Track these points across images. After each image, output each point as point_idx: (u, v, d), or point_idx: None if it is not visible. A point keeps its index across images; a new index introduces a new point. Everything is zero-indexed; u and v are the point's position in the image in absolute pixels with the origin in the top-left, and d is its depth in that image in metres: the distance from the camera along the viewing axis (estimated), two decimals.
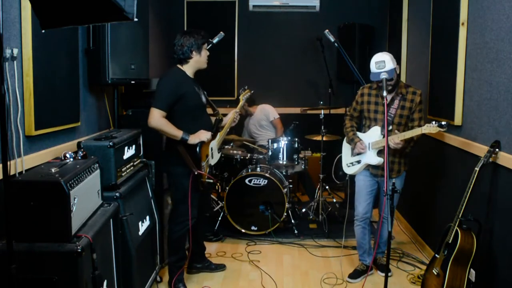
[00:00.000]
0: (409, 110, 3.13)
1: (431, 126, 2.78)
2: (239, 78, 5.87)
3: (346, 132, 3.39)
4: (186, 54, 2.95)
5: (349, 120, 3.43)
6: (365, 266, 3.37)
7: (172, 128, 2.89)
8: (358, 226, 3.34)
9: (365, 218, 3.31)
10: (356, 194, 3.35)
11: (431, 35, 3.66)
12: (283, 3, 5.44)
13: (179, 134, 2.90)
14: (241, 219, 4.17)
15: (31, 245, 1.89)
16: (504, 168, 2.49)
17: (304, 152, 4.63)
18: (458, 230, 2.56)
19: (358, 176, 3.34)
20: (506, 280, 2.46)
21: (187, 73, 3.01)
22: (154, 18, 4.74)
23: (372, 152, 3.18)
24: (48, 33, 2.29)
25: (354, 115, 3.40)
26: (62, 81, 2.69)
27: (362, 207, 3.30)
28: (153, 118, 2.83)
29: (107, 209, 2.35)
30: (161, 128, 2.87)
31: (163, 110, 2.86)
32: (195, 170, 2.92)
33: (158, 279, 3.24)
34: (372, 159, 3.18)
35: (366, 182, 3.28)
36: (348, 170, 3.39)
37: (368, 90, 3.30)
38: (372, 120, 3.24)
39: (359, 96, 3.34)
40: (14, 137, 2.19)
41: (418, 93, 3.14)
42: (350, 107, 3.44)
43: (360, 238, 3.35)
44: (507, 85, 2.47)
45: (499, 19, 2.56)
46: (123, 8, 1.61)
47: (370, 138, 3.21)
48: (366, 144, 3.21)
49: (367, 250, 3.38)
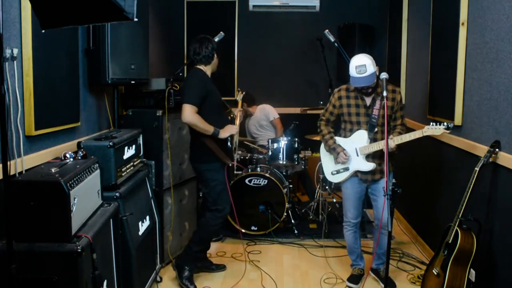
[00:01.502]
0: (391, 109, 3.05)
1: (435, 128, 2.68)
2: (239, 78, 5.87)
3: (325, 139, 3.21)
4: (210, 55, 3.19)
5: (325, 126, 3.24)
6: (361, 270, 3.30)
7: (205, 123, 3.04)
8: (349, 231, 3.24)
9: (356, 223, 3.22)
10: (345, 201, 3.22)
11: (431, 35, 3.66)
12: (283, 3, 5.43)
13: (211, 129, 3.06)
14: (241, 219, 4.17)
15: (31, 245, 1.89)
16: (504, 168, 2.49)
17: (304, 152, 4.63)
18: (458, 230, 2.56)
19: (344, 184, 3.19)
20: (506, 280, 2.46)
21: (207, 73, 3.23)
22: (154, 18, 4.74)
23: (362, 158, 3.06)
24: (48, 33, 2.29)
25: (331, 119, 3.23)
26: (62, 81, 2.69)
27: (352, 214, 3.19)
28: (187, 114, 2.96)
29: (107, 209, 2.36)
30: (195, 124, 3.00)
31: (196, 105, 3.00)
32: (229, 162, 3.15)
33: (158, 279, 3.24)
34: (362, 165, 3.06)
35: (354, 188, 3.15)
36: (334, 178, 3.21)
37: (346, 92, 3.12)
38: (355, 124, 3.09)
39: (336, 100, 3.16)
40: (14, 137, 2.19)
41: (397, 91, 3.07)
42: (325, 111, 3.25)
43: (351, 243, 3.26)
44: (507, 85, 2.47)
45: (499, 19, 2.56)
46: (123, 8, 1.61)
47: (355, 143, 3.08)
48: (353, 149, 3.08)
49: (359, 254, 3.31)
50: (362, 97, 3.07)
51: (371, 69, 2.86)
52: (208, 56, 3.18)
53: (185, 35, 5.79)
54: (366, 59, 2.89)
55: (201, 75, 3.16)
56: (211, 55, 3.19)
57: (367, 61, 2.88)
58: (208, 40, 3.21)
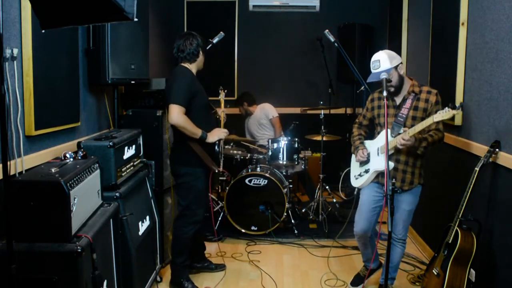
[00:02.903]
0: (424, 112, 2.76)
1: (443, 112, 2.48)
2: (239, 78, 5.87)
3: (353, 141, 3.10)
4: (195, 52, 3.03)
5: (357, 129, 3.15)
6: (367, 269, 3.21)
7: (193, 126, 2.90)
8: (358, 241, 3.09)
9: (363, 236, 2.99)
10: (358, 209, 3.01)
11: (431, 35, 3.66)
12: (283, 3, 5.44)
13: (199, 132, 2.92)
14: (241, 219, 4.17)
15: (31, 245, 1.89)
16: (504, 168, 2.49)
17: (304, 152, 4.63)
18: (458, 230, 2.56)
19: (363, 190, 3.00)
20: (506, 280, 2.46)
21: (193, 72, 3.08)
22: (154, 18, 4.74)
23: (382, 158, 2.85)
24: (48, 33, 2.29)
25: (364, 123, 3.13)
26: (62, 81, 2.69)
27: (361, 226, 2.94)
28: (175, 115, 2.81)
29: (107, 209, 2.35)
30: (184, 126, 2.85)
31: (183, 106, 2.86)
32: (215, 168, 2.97)
33: (158, 279, 3.24)
34: (380, 164, 2.83)
35: (371, 196, 2.93)
36: (356, 182, 3.05)
37: (378, 94, 3.01)
38: (383, 125, 2.88)
39: (369, 102, 3.06)
40: (14, 137, 2.19)
41: (433, 93, 2.79)
42: (359, 115, 3.17)
43: (362, 249, 3.13)
44: (507, 85, 2.47)
45: (499, 19, 2.56)
46: (123, 8, 1.61)
47: (379, 142, 2.91)
48: (375, 150, 2.90)
49: (371, 258, 3.13)
50: (393, 98, 2.89)
51: (386, 65, 2.70)
52: (193, 53, 3.02)
53: None
54: (383, 54, 2.75)
55: (190, 74, 3.01)
56: (195, 52, 3.02)
57: (382, 56, 2.74)
58: (193, 36, 3.03)
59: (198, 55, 3.06)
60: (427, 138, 2.71)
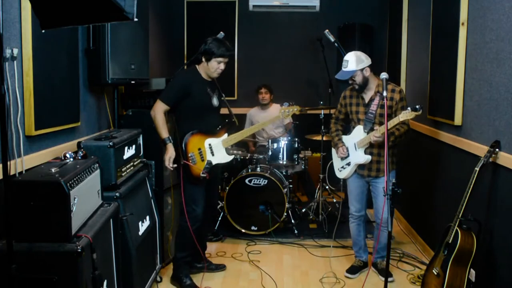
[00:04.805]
0: (389, 109, 3.11)
1: (407, 112, 2.82)
2: (239, 78, 5.87)
3: (332, 136, 3.45)
4: (198, 56, 3.13)
5: (334, 124, 3.48)
6: (362, 262, 3.45)
7: (162, 127, 3.03)
8: (353, 223, 3.41)
9: (359, 216, 3.37)
10: (348, 195, 3.43)
11: (431, 35, 3.66)
12: (283, 3, 5.43)
13: (163, 136, 3.04)
14: (241, 219, 4.17)
15: (31, 245, 1.89)
16: (504, 168, 2.49)
17: (304, 152, 4.63)
18: (458, 230, 2.56)
19: (348, 179, 3.38)
20: (506, 280, 2.46)
21: (202, 75, 3.14)
22: (154, 18, 4.74)
23: (360, 151, 3.21)
24: (48, 33, 2.29)
25: (340, 117, 3.44)
26: (62, 81, 2.69)
27: (355, 207, 3.37)
28: (156, 109, 3.01)
29: (107, 209, 2.35)
30: (155, 122, 3.03)
31: (167, 104, 3.02)
32: (181, 160, 3.05)
33: (158, 279, 3.24)
34: (359, 158, 3.20)
35: (355, 183, 3.34)
36: (340, 174, 3.41)
37: (350, 92, 3.31)
38: (356, 121, 3.26)
39: (342, 99, 3.37)
40: (14, 137, 2.19)
41: (397, 90, 3.12)
42: (335, 110, 3.49)
43: (355, 234, 3.43)
44: (507, 85, 2.47)
45: (499, 19, 2.56)
46: (123, 8, 1.61)
47: (355, 138, 3.24)
48: (353, 144, 3.24)
49: (362, 247, 3.46)
50: (362, 96, 3.22)
51: (352, 67, 3.03)
52: (197, 57, 3.13)
53: (185, 35, 5.79)
54: (352, 56, 3.05)
55: (188, 76, 3.13)
56: (199, 57, 3.11)
57: (351, 58, 3.05)
58: (205, 42, 3.07)
59: (201, 60, 3.12)
60: (395, 132, 3.10)
